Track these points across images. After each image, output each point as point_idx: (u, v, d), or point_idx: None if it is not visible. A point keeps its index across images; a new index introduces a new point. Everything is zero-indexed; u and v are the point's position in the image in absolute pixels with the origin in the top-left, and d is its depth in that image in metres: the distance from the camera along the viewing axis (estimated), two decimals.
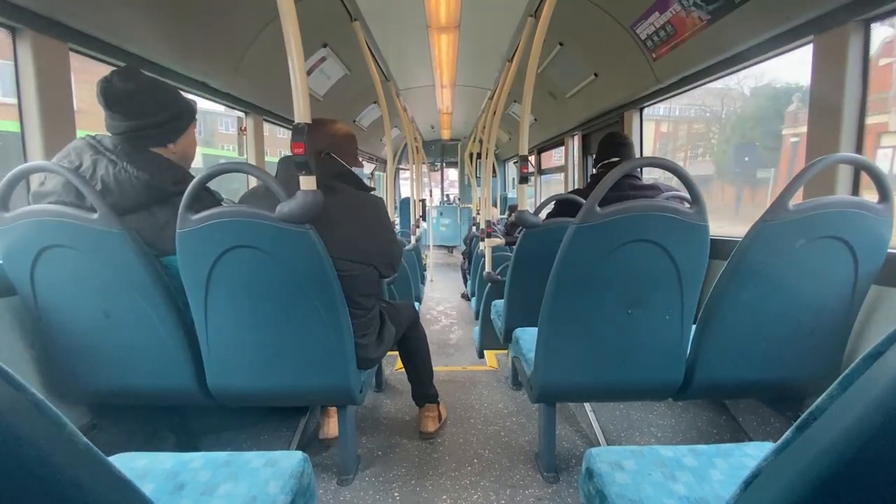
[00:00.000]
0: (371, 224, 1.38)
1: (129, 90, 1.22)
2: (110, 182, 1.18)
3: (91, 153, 1.20)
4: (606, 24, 2.44)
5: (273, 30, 2.40)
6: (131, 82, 1.23)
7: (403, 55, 3.62)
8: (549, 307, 1.26)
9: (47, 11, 1.35)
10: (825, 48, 1.44)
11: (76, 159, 1.20)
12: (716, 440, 1.67)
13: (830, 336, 1.27)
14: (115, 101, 1.22)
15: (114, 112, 1.23)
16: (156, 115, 1.26)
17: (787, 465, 0.42)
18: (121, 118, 1.23)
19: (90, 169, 1.18)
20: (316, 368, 1.30)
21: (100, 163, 1.19)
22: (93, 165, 1.19)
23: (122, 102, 1.22)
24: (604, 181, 1.16)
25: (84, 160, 1.20)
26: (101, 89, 1.21)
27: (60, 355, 1.28)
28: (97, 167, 1.19)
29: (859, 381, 0.35)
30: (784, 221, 1.11)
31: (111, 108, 1.22)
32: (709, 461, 0.91)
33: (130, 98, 1.23)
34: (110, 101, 1.22)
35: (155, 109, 1.26)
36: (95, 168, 1.19)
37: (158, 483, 0.85)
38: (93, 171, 1.18)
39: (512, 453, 1.66)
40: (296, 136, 1.08)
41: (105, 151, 1.21)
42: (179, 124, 1.32)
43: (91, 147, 1.21)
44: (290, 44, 1.09)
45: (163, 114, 1.27)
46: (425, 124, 7.07)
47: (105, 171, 1.18)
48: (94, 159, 1.20)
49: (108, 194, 1.17)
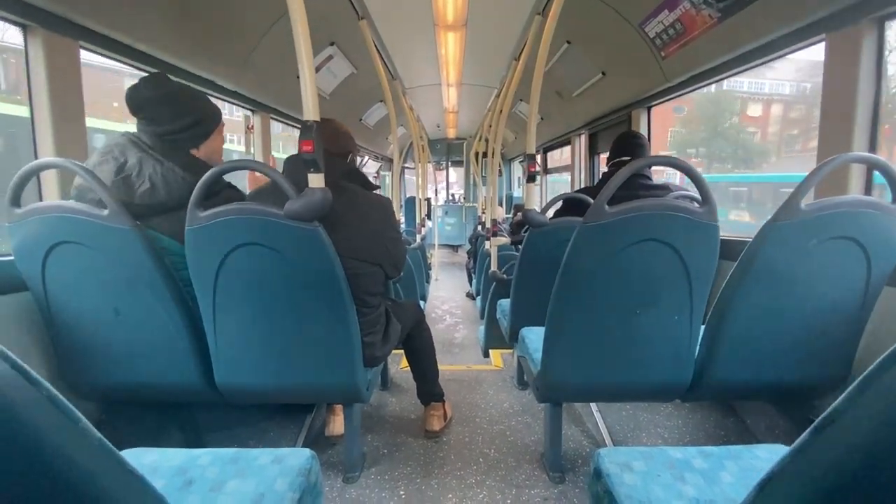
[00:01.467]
0: (378, 224, 1.38)
1: (152, 98, 1.26)
2: (158, 181, 1.21)
3: (136, 150, 1.23)
4: (615, 22, 2.42)
5: (281, 28, 2.40)
6: (157, 89, 1.27)
7: (410, 54, 3.62)
8: (556, 306, 1.25)
9: (58, 9, 1.36)
10: (838, 46, 1.42)
11: (120, 156, 1.23)
12: (723, 442, 1.66)
13: (842, 338, 1.26)
14: (141, 107, 1.26)
15: (140, 117, 1.27)
16: (180, 120, 1.29)
17: (804, 467, 0.41)
18: (146, 123, 1.27)
19: (136, 167, 1.21)
20: (323, 366, 1.30)
21: (146, 161, 1.22)
22: (139, 164, 1.22)
23: (146, 108, 1.26)
24: (612, 180, 1.15)
25: (129, 157, 1.22)
26: (128, 96, 1.26)
27: (70, 351, 1.29)
28: (143, 165, 1.22)
29: (879, 383, 0.35)
30: (796, 221, 1.10)
31: (137, 113, 1.27)
32: (718, 463, 0.91)
33: (155, 104, 1.26)
34: (136, 107, 1.26)
35: (179, 115, 1.29)
36: (142, 166, 1.22)
37: (168, 479, 0.85)
38: (139, 170, 1.21)
39: (518, 453, 1.66)
40: (305, 134, 1.09)
41: (150, 150, 1.24)
42: (204, 129, 1.36)
43: (135, 144, 1.25)
44: (300, 42, 1.09)
45: (187, 119, 1.30)
46: (431, 123, 7.06)
47: (153, 169, 1.22)
48: (139, 157, 1.23)
49: (155, 193, 1.20)
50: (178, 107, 1.30)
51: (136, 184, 1.21)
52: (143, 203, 1.21)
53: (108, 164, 1.21)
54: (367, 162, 6.14)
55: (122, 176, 1.20)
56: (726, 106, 12.35)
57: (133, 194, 1.20)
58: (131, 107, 1.26)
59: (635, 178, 1.68)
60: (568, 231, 1.22)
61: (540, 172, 5.51)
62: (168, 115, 1.27)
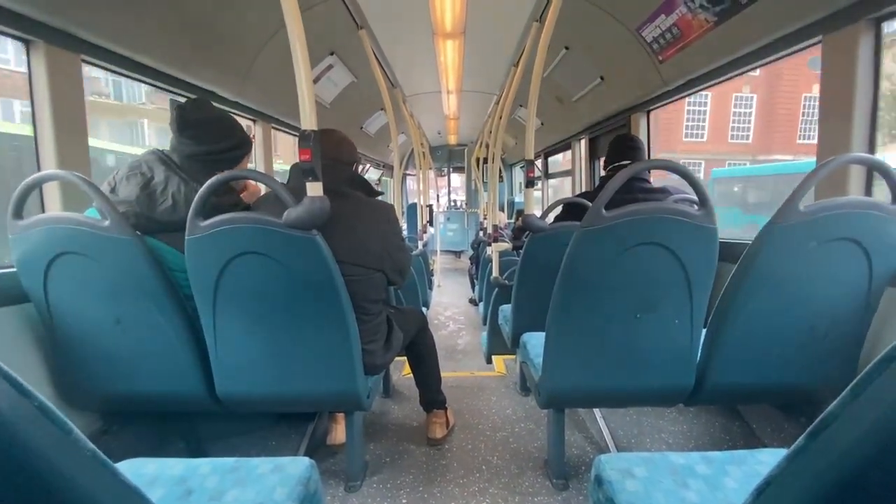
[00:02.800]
0: (381, 229, 1.39)
1: (200, 119, 1.34)
2: (180, 199, 1.25)
3: (164, 168, 1.28)
4: (612, 27, 2.43)
5: (281, 38, 2.43)
6: (202, 112, 1.36)
7: (409, 62, 3.65)
8: (556, 311, 1.25)
9: (60, 24, 1.39)
10: (835, 48, 1.42)
11: (148, 171, 1.27)
12: (729, 446, 1.64)
13: (845, 340, 1.25)
14: (186, 126, 1.32)
15: (183, 137, 1.32)
16: (220, 142, 1.36)
17: (799, 473, 0.41)
18: (189, 143, 1.32)
19: (162, 184, 1.26)
20: (323, 374, 1.30)
21: (171, 179, 1.27)
22: (165, 181, 1.27)
23: (192, 128, 1.32)
24: (610, 184, 1.15)
25: (156, 173, 1.27)
26: (176, 116, 1.32)
27: (72, 361, 1.29)
28: (169, 183, 1.26)
29: (873, 387, 0.34)
30: (795, 223, 1.09)
31: (182, 132, 1.32)
32: (721, 468, 0.89)
33: (200, 126, 1.33)
34: (182, 127, 1.32)
35: (219, 138, 1.36)
36: (167, 184, 1.26)
37: (167, 489, 0.85)
38: (164, 186, 1.26)
39: (521, 460, 1.64)
40: (302, 143, 1.10)
41: (178, 170, 1.29)
42: (238, 153, 1.42)
43: (163, 162, 1.29)
44: (297, 51, 1.10)
45: (226, 142, 1.37)
46: (432, 130, 7.10)
47: (177, 188, 1.26)
48: (166, 175, 1.27)
49: (176, 210, 1.24)
50: (221, 130, 1.38)
51: (159, 199, 1.25)
52: (162, 219, 1.25)
53: (135, 178, 1.26)
54: (368, 169, 6.17)
55: (147, 192, 1.25)
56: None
57: (155, 209, 1.24)
58: (178, 125, 1.32)
59: (633, 181, 1.68)
60: (568, 236, 1.22)
61: (540, 178, 5.51)
62: (212, 137, 1.35)
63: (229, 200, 1.31)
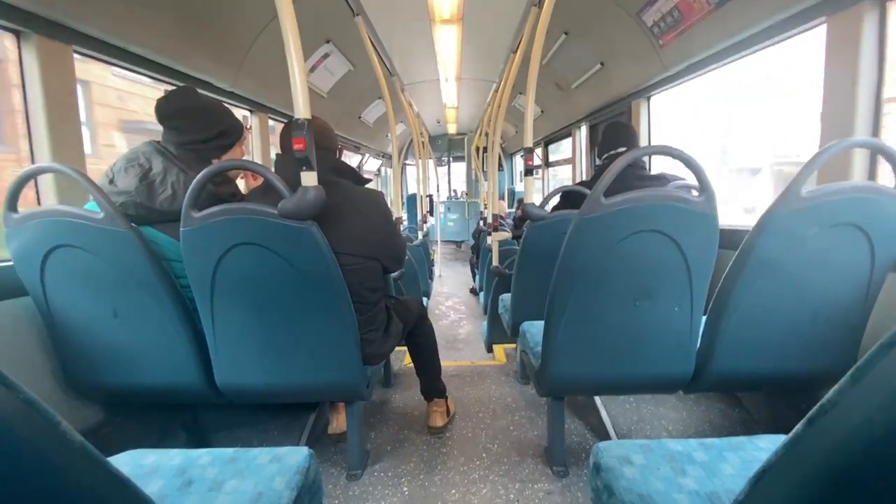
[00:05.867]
0: (373, 217, 1.37)
1: (183, 108, 1.32)
2: (180, 189, 1.24)
3: (161, 159, 1.27)
4: (612, 11, 2.39)
5: (275, 27, 2.38)
6: (185, 101, 1.34)
7: (407, 50, 3.60)
8: (555, 300, 1.24)
9: (51, 15, 1.36)
10: (839, 29, 1.39)
11: (146, 162, 1.26)
12: (728, 433, 1.64)
13: (846, 326, 1.24)
14: (166, 117, 1.31)
15: (166, 127, 1.32)
16: (202, 131, 1.34)
17: (797, 460, 0.41)
18: (172, 133, 1.32)
19: (161, 174, 1.25)
20: (321, 364, 1.30)
21: (170, 170, 1.26)
22: (164, 171, 1.26)
23: (173, 118, 1.31)
24: (608, 171, 1.13)
25: (154, 164, 1.26)
26: (157, 106, 1.31)
27: (72, 354, 1.30)
28: (167, 173, 1.25)
29: (873, 373, 0.34)
30: (796, 209, 1.08)
31: (164, 122, 1.32)
32: (719, 455, 0.89)
33: (182, 116, 1.32)
34: (163, 117, 1.32)
35: (202, 127, 1.34)
36: (166, 174, 1.25)
37: (167, 479, 0.86)
38: (163, 177, 1.25)
39: (521, 448, 1.65)
40: (296, 132, 1.08)
41: (175, 160, 1.28)
42: (226, 141, 1.40)
43: (160, 153, 1.28)
44: (289, 39, 1.09)
45: (211, 130, 1.35)
46: (431, 119, 7.04)
47: (176, 178, 1.25)
48: (164, 165, 1.26)
49: (176, 199, 1.23)
50: (204, 119, 1.35)
51: (158, 190, 1.24)
52: (162, 209, 1.24)
53: (133, 169, 1.25)
54: (367, 160, 6.13)
55: (146, 182, 1.24)
56: None
57: (154, 200, 1.23)
58: (159, 115, 1.31)
59: (631, 168, 1.66)
60: (567, 224, 1.21)
61: (541, 166, 5.47)
62: (193, 126, 1.33)
63: (227, 190, 1.30)
